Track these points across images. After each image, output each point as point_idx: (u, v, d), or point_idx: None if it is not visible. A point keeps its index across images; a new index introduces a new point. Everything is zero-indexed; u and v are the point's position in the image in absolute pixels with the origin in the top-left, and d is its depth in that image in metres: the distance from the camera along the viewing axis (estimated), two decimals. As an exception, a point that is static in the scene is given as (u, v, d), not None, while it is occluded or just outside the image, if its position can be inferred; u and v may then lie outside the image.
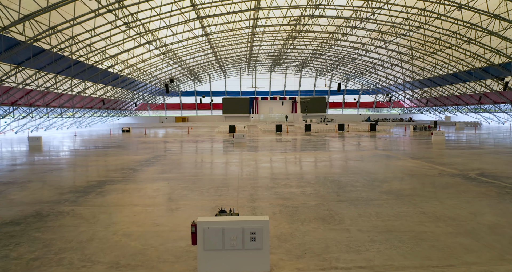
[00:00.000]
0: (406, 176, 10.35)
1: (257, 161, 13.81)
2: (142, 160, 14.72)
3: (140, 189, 8.89)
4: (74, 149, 21.20)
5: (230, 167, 12.46)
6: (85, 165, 13.93)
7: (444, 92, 52.50)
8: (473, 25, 28.62)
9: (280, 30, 38.76)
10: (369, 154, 15.88)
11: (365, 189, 8.60)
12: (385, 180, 9.72)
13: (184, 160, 14.42)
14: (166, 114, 73.25)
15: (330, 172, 11.13)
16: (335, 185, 9.14)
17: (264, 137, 28.94)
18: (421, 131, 35.89)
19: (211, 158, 15.35)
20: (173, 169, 12.26)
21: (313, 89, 72.52)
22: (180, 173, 11.45)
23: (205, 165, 13.17)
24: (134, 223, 6.16)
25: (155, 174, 11.15)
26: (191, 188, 8.92)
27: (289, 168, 12.16)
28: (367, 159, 14.19)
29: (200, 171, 11.65)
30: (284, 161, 14.12)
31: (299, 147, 20.31)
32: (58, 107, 40.35)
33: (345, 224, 5.96)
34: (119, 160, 15.24)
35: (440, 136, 24.38)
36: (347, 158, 14.57)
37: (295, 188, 8.83)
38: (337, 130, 36.62)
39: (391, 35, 37.17)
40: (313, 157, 15.04)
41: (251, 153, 16.95)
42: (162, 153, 17.23)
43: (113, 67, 36.16)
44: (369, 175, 10.59)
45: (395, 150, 17.95)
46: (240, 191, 8.56)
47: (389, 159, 14.25)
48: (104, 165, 13.62)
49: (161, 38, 33.21)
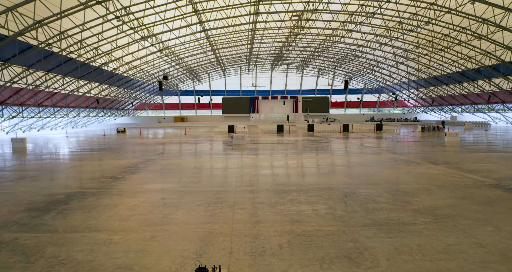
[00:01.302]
0: (436, 187, 8.65)
1: (257, 167, 12.12)
2: (128, 165, 13.04)
3: (113, 206, 7.20)
4: (58, 151, 19.52)
5: (226, 175, 10.77)
6: (62, 171, 12.23)
7: (450, 92, 50.77)
8: (484, 20, 26.92)
9: (281, 26, 37.05)
10: (383, 159, 14.18)
11: (392, 207, 6.90)
12: (413, 193, 8.02)
13: (175, 166, 12.73)
14: (165, 114, 71.56)
15: (344, 182, 9.44)
16: (354, 200, 7.45)
17: (265, 138, 27.25)
18: (430, 132, 34.17)
19: (205, 163, 13.66)
20: (160, 177, 10.58)
21: (315, 89, 70.78)
22: (168, 182, 9.77)
23: (197, 172, 11.48)
24: (87, 264, 4.46)
25: (137, 184, 9.46)
26: (176, 205, 7.22)
27: (294, 176, 10.47)
28: (382, 164, 12.49)
29: (191, 180, 9.97)
30: (288, 167, 12.42)
31: (303, 149, 18.61)
32: (51, 107, 38.74)
33: (381, 267, 4.27)
34: (102, 165, 13.56)
35: (454, 137, 22.68)
36: (360, 163, 12.87)
37: (304, 204, 7.14)
38: (341, 130, 34.91)
39: (398, 32, 35.43)
40: (321, 162, 13.34)
41: (251, 156, 15.27)
42: (152, 157, 15.55)
43: (107, 64, 34.47)
44: (390, 185, 8.90)
45: (409, 153, 16.25)
46: (236, 209, 6.87)
47: (408, 164, 12.55)
48: (83, 172, 11.93)
49: (157, 34, 31.51)
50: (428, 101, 60.73)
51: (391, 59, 46.62)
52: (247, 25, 36.10)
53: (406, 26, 33.29)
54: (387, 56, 46.37)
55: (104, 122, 62.66)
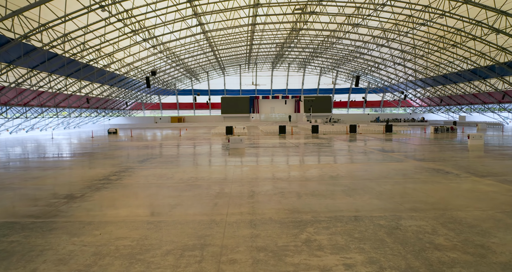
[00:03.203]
0: (507, 216, 6.19)
1: (257, 181, 9.67)
2: (98, 176, 10.59)
3: (38, 254, 4.73)
4: (25, 157, 17.04)
5: (216, 194, 8.30)
6: (10, 186, 9.73)
7: (460, 90, 48.28)
8: (503, 12, 24.51)
9: (283, 20, 34.62)
10: (409, 167, 11.70)
11: (467, 258, 4.43)
12: (481, 227, 5.55)
13: (154, 179, 10.27)
14: (162, 114, 69.06)
15: (375, 206, 6.96)
16: (401, 242, 4.98)
17: (266, 140, 24.78)
18: (443, 133, 31.69)
19: (193, 174, 11.18)
20: (130, 196, 8.11)
21: (317, 88, 68.26)
22: (137, 205, 7.30)
23: (180, 189, 9.01)
24: None
25: (94, 209, 6.99)
26: (132, 254, 4.74)
27: (306, 196, 7.99)
28: (413, 177, 10.02)
29: (169, 203, 7.51)
30: (296, 180, 9.96)
31: (311, 155, 16.14)
32: (37, 106, 36.47)
33: None
34: (67, 176, 11.10)
35: (478, 139, 20.19)
36: (384, 175, 10.40)
37: (329, 251, 4.68)
38: (348, 132, 32.43)
39: (408, 26, 32.96)
40: (335, 172, 10.86)
41: (250, 165, 12.80)
42: (132, 165, 13.08)
43: (96, 61, 32.03)
44: (442, 213, 6.43)
45: (436, 159, 13.77)
46: (224, 263, 4.41)
47: (445, 176, 10.08)
48: (37, 187, 9.45)
49: (149, 27, 29.05)
50: (435, 101, 58.24)
51: (398, 56, 44.12)
52: (246, 19, 33.66)
53: (417, 20, 30.81)
54: (394, 53, 43.88)
55: (99, 122, 60.23)
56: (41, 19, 19.87)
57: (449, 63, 40.96)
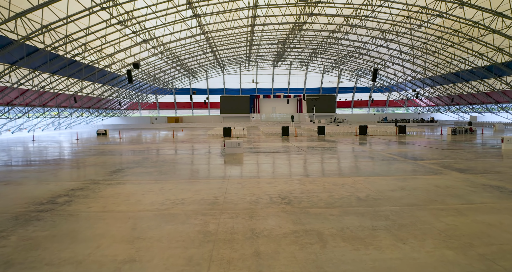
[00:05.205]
0: None
1: (255, 210, 6.91)
2: (43, 197, 7.84)
3: None
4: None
5: (191, 240, 5.54)
6: None
7: (472, 89, 45.43)
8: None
9: (284, 18, 31.95)
10: (458, 184, 8.92)
11: None
12: None
13: (117, 204, 7.50)
14: (159, 114, 66.32)
15: (453, 265, 4.21)
16: None
17: (267, 143, 22.00)
18: (462, 134, 28.92)
19: (169, 196, 8.36)
20: (65, 239, 5.34)
21: (320, 87, 65.45)
22: (67, 261, 4.56)
23: (141, 229, 6.23)
24: None
25: (14, 263, 4.24)
26: None
27: (333, 242, 5.20)
28: (475, 201, 7.22)
29: (121, 252, 4.77)
30: (313, 206, 7.17)
31: (323, 163, 13.37)
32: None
33: None
34: (10, 195, 8.34)
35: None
36: (434, 199, 7.59)
37: None
38: (357, 133, 29.66)
39: (420, 20, 30.13)
40: (361, 192, 8.08)
41: (247, 180, 10.04)
42: (98, 178, 10.32)
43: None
44: None
45: (485, 171, 10.98)
46: None
47: (500, 195, 7.32)
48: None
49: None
50: (444, 100, 55.43)
51: (407, 52, 41.31)
52: (246, 11, 30.91)
53: (432, 11, 28.02)
54: (403, 49, 41.09)
55: (92, 123, 57.53)
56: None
57: (462, 60, 38.19)
